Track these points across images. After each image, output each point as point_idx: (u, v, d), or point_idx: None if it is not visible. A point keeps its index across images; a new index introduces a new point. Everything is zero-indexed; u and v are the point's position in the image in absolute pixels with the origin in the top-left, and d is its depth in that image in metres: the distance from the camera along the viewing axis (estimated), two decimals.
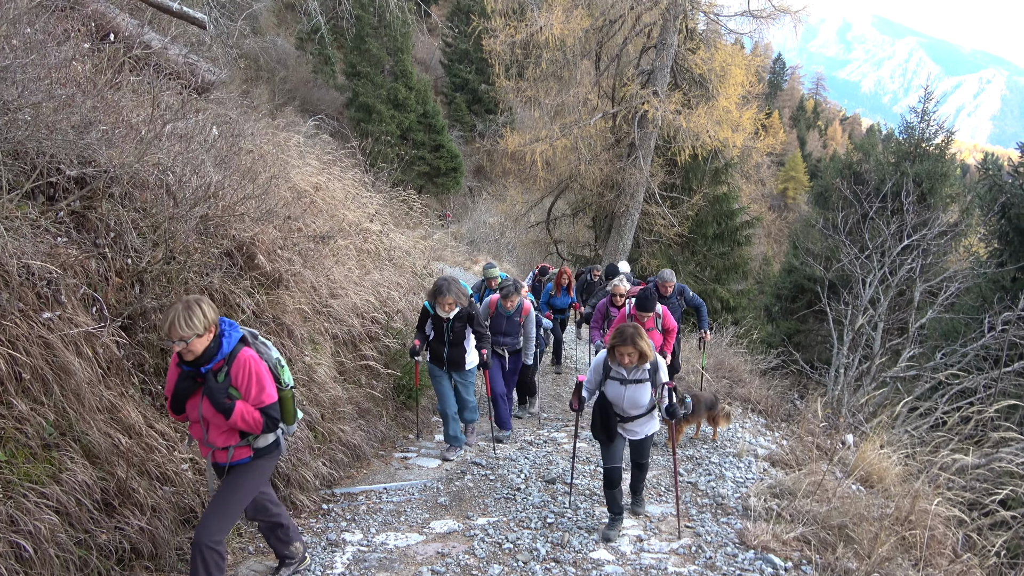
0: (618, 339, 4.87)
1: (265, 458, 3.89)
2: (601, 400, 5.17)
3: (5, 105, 4.03)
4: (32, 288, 3.88)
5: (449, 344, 6.55)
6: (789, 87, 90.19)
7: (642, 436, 5.26)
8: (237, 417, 3.59)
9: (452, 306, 6.33)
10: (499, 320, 7.62)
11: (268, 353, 3.85)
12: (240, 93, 9.32)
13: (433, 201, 32.24)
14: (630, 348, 4.83)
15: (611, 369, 5.08)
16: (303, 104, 30.09)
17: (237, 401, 3.60)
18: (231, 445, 3.73)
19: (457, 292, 6.31)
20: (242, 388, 3.63)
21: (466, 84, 41.98)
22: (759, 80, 20.17)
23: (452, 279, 6.44)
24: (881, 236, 12.78)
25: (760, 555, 5.01)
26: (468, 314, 6.54)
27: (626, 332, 4.85)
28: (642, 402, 5.06)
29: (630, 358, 4.89)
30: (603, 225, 19.90)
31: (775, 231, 47.96)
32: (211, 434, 3.70)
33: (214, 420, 3.66)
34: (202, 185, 5.24)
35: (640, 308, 7.16)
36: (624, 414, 5.11)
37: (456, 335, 6.54)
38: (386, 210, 9.92)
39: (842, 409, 9.41)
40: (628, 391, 5.03)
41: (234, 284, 5.44)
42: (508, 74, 19.01)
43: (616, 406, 5.11)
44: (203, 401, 3.61)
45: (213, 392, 3.55)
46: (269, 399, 3.70)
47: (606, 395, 5.12)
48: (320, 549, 4.84)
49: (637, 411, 5.10)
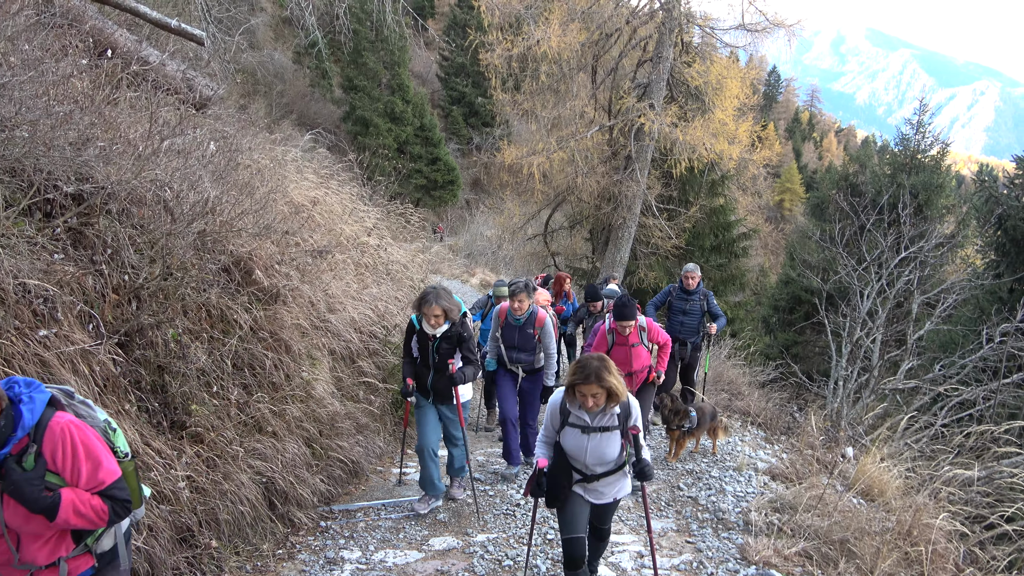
0: (579, 375, 3.71)
1: (112, 568, 2.82)
2: (556, 453, 4.06)
3: (2, 123, 4.02)
4: (28, 306, 3.85)
5: (435, 370, 5.55)
6: (784, 99, 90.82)
7: (609, 500, 4.13)
8: (67, 513, 2.49)
9: (440, 320, 5.33)
10: (511, 333, 6.61)
11: (93, 415, 2.78)
12: (238, 108, 9.35)
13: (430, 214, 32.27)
14: (594, 387, 3.68)
15: (570, 413, 3.93)
16: (300, 118, 30.19)
17: (62, 490, 2.51)
18: (61, 557, 2.63)
19: (448, 302, 5.34)
20: (66, 470, 2.53)
21: (463, 97, 42.19)
22: (754, 92, 20.23)
23: (443, 288, 5.51)
24: (878, 248, 12.79)
25: (762, 571, 4.98)
26: (459, 335, 5.51)
27: (589, 366, 3.70)
28: (609, 456, 3.94)
29: (595, 400, 3.73)
30: (600, 237, 19.92)
31: (772, 243, 48.09)
32: (25, 550, 2.58)
33: (28, 527, 2.54)
34: (199, 201, 5.23)
35: (618, 317, 6.30)
36: (587, 471, 4.01)
37: (443, 359, 5.48)
38: (383, 224, 9.93)
39: (841, 422, 9.38)
40: (592, 442, 3.91)
41: (231, 300, 5.42)
42: (505, 87, 19.10)
43: (576, 460, 3.99)
44: (3, 504, 2.49)
45: (20, 486, 2.42)
46: (111, 475, 2.62)
47: (563, 446, 4.00)
48: (318, 567, 4.80)
49: (603, 467, 3.99)
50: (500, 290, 7.78)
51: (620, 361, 6.17)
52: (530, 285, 6.63)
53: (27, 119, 4.15)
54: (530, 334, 6.56)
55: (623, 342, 6.50)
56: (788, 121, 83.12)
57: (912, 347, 11.17)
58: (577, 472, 4.02)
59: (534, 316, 6.53)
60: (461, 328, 5.51)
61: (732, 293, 20.13)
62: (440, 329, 5.39)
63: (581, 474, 4.01)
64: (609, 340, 6.58)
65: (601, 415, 3.86)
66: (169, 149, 5.37)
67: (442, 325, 5.37)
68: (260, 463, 5.05)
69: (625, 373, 5.91)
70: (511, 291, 6.45)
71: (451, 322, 5.42)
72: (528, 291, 6.49)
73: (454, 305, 5.38)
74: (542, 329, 6.55)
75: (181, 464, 4.46)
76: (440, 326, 5.37)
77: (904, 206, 13.24)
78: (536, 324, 6.54)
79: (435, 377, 5.56)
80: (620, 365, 6.06)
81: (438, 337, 5.43)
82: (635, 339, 6.48)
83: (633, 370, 6.50)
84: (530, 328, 6.55)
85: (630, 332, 6.40)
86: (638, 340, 6.52)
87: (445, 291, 5.42)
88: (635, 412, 3.95)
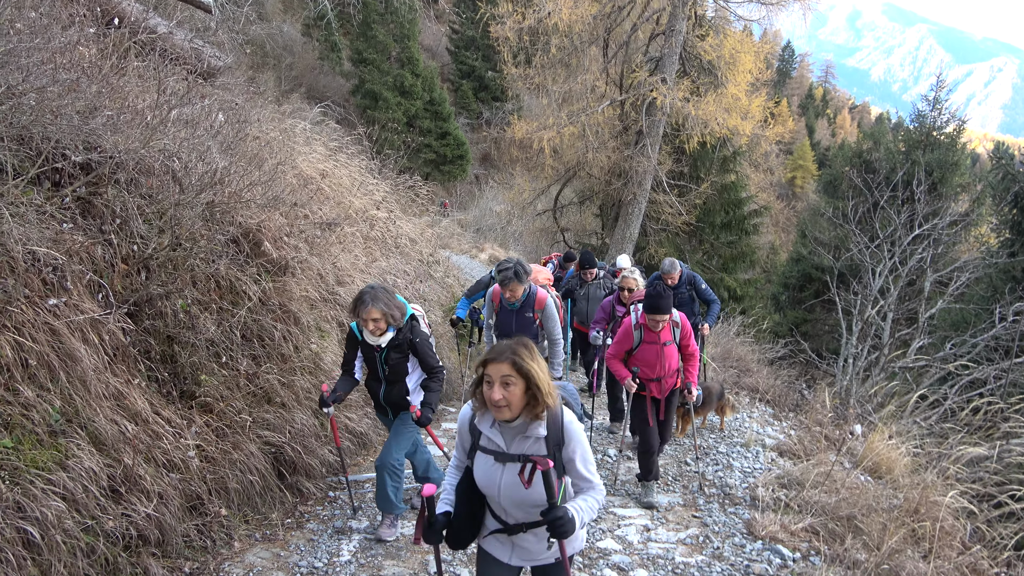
0: (491, 352, 2.59)
1: None
2: (465, 486, 2.79)
3: (10, 89, 3.99)
4: (38, 274, 3.86)
5: (386, 381, 4.62)
6: (798, 75, 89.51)
7: (543, 560, 2.81)
8: None
9: (381, 326, 4.37)
10: (507, 318, 5.93)
11: None
12: (246, 80, 9.27)
13: (439, 189, 32.15)
14: (505, 367, 2.50)
15: (480, 433, 2.71)
16: (309, 91, 29.96)
17: None
18: None
19: (388, 304, 4.37)
20: None
21: (473, 71, 41.74)
22: (768, 67, 19.98)
23: (383, 287, 4.46)
24: (891, 225, 12.67)
25: (768, 545, 4.99)
26: (410, 342, 4.53)
27: (505, 344, 2.59)
28: (533, 498, 2.59)
29: (504, 394, 2.51)
30: (610, 213, 19.82)
31: (783, 220, 47.69)
32: None
33: None
34: (208, 171, 5.20)
35: (651, 310, 5.27)
36: (505, 517, 2.74)
37: (393, 370, 4.56)
38: (392, 197, 9.88)
39: (850, 399, 9.36)
40: (507, 476, 2.64)
41: (240, 271, 5.41)
42: (515, 61, 18.92)
43: (491, 500, 2.75)
44: None
45: None
46: None
47: (475, 479, 2.73)
48: (327, 537, 4.84)
49: (525, 514, 2.69)
50: None
51: (649, 363, 5.48)
52: (521, 270, 5.69)
53: (34, 86, 4.12)
54: (529, 319, 5.83)
55: (653, 340, 5.46)
56: (802, 97, 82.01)
57: (923, 325, 11.12)
58: (495, 518, 2.77)
59: (532, 297, 5.76)
60: (411, 334, 4.53)
61: (742, 270, 20.04)
62: (384, 338, 4.44)
63: (500, 522, 2.75)
64: (636, 337, 5.51)
65: (520, 436, 2.62)
66: (177, 119, 5.35)
67: (385, 332, 4.43)
68: (269, 433, 5.08)
69: (654, 377, 5.52)
70: (500, 280, 5.60)
71: (396, 328, 4.49)
72: (520, 278, 5.63)
73: (396, 308, 4.43)
74: (543, 312, 5.77)
75: (190, 433, 4.49)
76: (382, 333, 4.42)
77: (919, 183, 13.09)
78: (535, 307, 5.77)
79: (387, 390, 4.65)
80: (648, 368, 5.50)
81: (384, 347, 4.49)
82: (667, 336, 5.47)
83: (664, 373, 5.52)
84: (528, 312, 5.81)
85: (663, 328, 5.42)
86: (671, 338, 5.50)
87: (385, 291, 4.43)
88: (574, 443, 2.62)
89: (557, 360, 5.90)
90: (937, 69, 16.73)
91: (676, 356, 5.56)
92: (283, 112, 9.21)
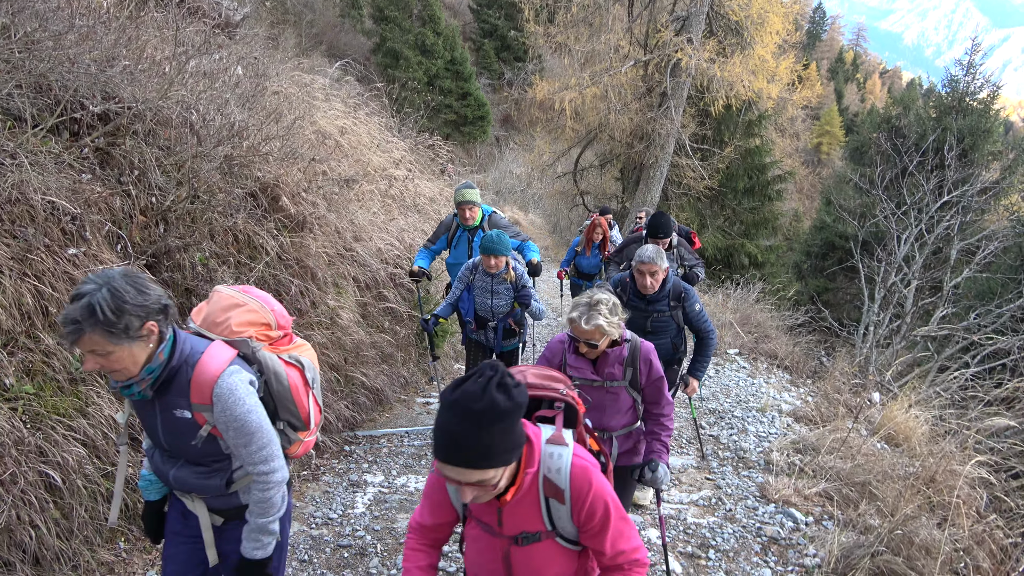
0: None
1: None
2: None
3: (26, 36, 3.96)
4: (57, 224, 3.87)
5: None
6: (828, 37, 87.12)
7: None
8: None
9: None
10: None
11: None
12: (267, 37, 9.16)
13: (459, 149, 31.90)
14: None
15: None
16: (330, 49, 29.68)
17: None
18: None
19: None
20: None
21: (495, 30, 41.09)
22: (797, 29, 19.46)
23: None
24: (920, 192, 12.40)
25: (781, 508, 4.99)
26: None
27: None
28: None
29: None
30: (631, 177, 19.56)
31: (807, 187, 46.87)
32: None
33: None
34: (226, 124, 5.17)
35: None
36: None
37: None
38: (411, 157, 9.80)
39: (870, 367, 9.26)
40: None
41: (258, 225, 5.41)
42: (538, 19, 18.54)
43: None
44: None
45: None
46: None
47: None
48: (342, 489, 4.90)
49: None
50: (462, 194, 5.69)
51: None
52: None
53: (51, 32, 4.09)
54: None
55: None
56: (831, 61, 79.88)
57: (948, 294, 10.93)
58: None
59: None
60: None
61: (764, 237, 19.76)
62: None
63: None
64: None
65: None
66: (195, 71, 5.30)
67: None
68: None
69: None
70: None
71: None
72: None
73: None
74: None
75: None
76: None
77: (949, 148, 12.76)
78: None
79: None
80: None
81: None
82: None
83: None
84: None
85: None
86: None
87: None
88: None
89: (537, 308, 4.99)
90: (973, 33, 16.17)
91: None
92: (302, 68, 9.12)
